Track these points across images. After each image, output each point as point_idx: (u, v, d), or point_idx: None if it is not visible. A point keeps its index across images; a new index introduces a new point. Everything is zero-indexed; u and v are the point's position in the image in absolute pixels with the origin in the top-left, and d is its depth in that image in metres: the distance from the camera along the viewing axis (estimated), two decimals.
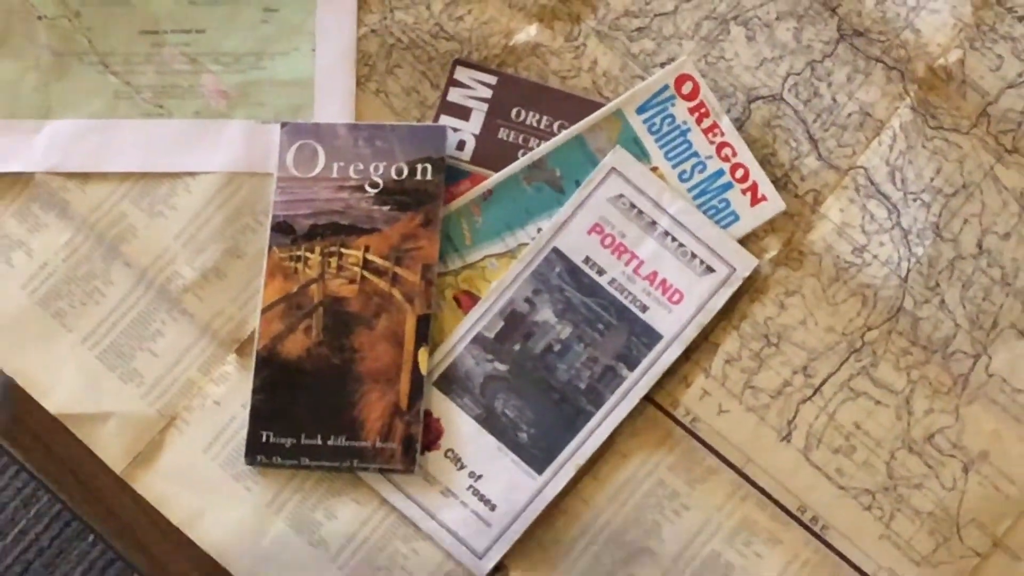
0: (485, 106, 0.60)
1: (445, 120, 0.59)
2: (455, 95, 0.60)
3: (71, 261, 0.57)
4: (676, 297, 0.54)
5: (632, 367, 0.54)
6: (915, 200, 0.55)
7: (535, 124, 0.59)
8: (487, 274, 0.57)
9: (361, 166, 0.57)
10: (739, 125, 0.56)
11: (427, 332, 0.54)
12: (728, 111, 0.56)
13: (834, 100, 0.57)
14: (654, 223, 0.54)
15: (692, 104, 0.56)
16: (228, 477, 0.52)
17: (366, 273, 0.55)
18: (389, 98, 0.59)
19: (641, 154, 0.55)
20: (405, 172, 0.56)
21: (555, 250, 0.55)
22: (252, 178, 0.59)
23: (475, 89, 0.60)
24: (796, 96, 0.56)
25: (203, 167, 0.59)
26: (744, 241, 0.56)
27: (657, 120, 0.56)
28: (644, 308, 0.54)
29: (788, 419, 0.54)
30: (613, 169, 0.54)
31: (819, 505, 0.55)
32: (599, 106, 0.57)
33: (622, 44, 0.58)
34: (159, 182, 0.58)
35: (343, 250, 0.56)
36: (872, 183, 0.55)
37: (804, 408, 0.55)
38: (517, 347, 0.55)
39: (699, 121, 0.56)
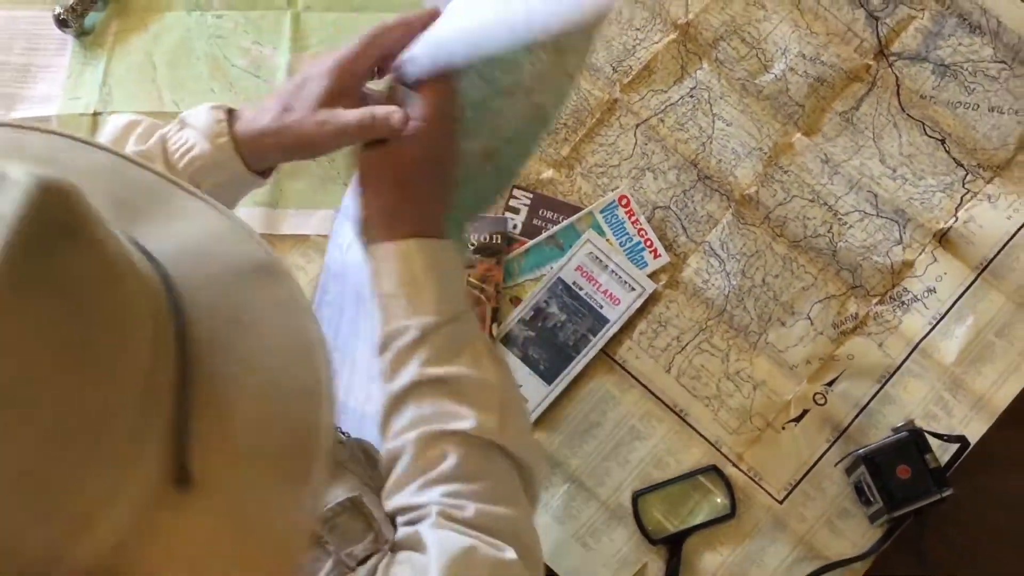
0: (527, 207, 0.96)
1: (508, 214, 0.95)
2: (513, 203, 0.96)
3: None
4: (616, 302, 0.93)
5: (595, 335, 0.92)
6: (732, 258, 0.94)
7: (550, 217, 0.95)
8: (526, 289, 0.94)
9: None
10: (649, 220, 0.95)
11: (497, 316, 0.92)
12: (644, 213, 0.95)
13: (695, 209, 0.95)
14: (607, 265, 0.94)
15: (627, 210, 0.95)
16: None
17: (468, 287, 0.91)
18: None
19: (601, 233, 0.95)
20: (488, 239, 0.94)
21: (559, 279, 0.93)
22: None
23: (522, 200, 0.96)
24: (676, 207, 0.96)
25: None
26: (650, 276, 0.93)
27: (610, 216, 0.95)
28: (601, 307, 0.93)
29: (669, 362, 0.92)
30: (588, 240, 0.94)
31: (684, 404, 0.91)
32: (580, 209, 0.95)
33: (593, 179, 0.97)
34: None
35: None
36: (712, 249, 0.95)
37: (677, 357, 0.92)
38: (539, 324, 0.92)
39: (630, 217, 0.95)
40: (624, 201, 0.98)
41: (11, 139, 0.44)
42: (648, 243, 0.97)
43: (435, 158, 0.62)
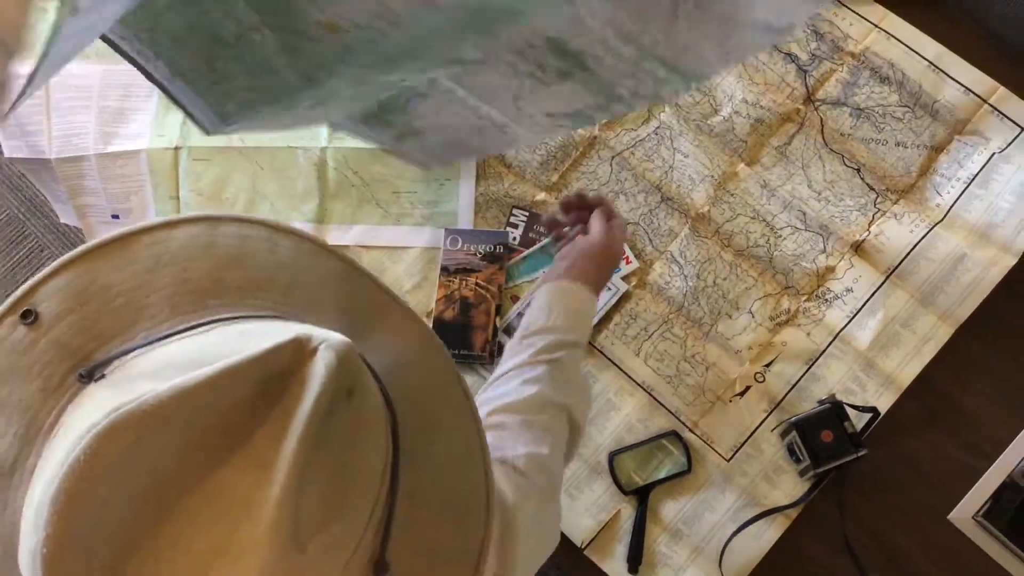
0: (524, 223, 1.08)
1: (508, 228, 1.08)
2: (512, 219, 1.08)
3: None
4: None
5: None
6: (689, 264, 1.07)
7: (542, 231, 1.08)
8: (523, 289, 1.07)
9: (476, 246, 1.07)
10: None
11: (499, 310, 1.06)
12: None
13: (659, 224, 1.09)
14: None
15: None
16: None
17: (477, 287, 1.07)
18: (487, 219, 1.09)
19: None
20: (492, 249, 1.07)
21: None
22: (433, 250, 1.07)
23: (520, 217, 1.08)
24: (644, 222, 1.09)
25: (415, 244, 1.07)
26: (623, 278, 1.07)
27: None
28: None
29: (638, 347, 1.05)
30: None
31: (651, 381, 1.03)
32: None
33: None
34: (398, 250, 1.07)
35: (467, 278, 1.06)
36: (673, 257, 1.08)
37: (644, 343, 1.05)
38: None
39: None
40: None
41: (266, 239, 0.49)
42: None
43: (612, 256, 0.89)
